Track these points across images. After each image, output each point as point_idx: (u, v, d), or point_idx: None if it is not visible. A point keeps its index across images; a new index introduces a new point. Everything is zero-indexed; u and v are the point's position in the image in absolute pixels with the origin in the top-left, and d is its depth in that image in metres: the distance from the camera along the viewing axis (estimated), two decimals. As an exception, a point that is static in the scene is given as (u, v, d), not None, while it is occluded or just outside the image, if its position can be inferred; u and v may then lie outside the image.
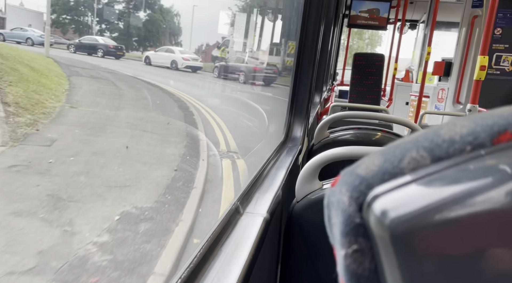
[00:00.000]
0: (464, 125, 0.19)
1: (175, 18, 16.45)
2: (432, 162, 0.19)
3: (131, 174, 3.74)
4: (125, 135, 4.82)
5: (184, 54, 13.66)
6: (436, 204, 0.17)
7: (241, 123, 7.11)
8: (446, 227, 0.17)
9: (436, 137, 0.19)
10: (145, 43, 15.04)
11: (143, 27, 15.03)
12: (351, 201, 0.20)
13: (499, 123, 0.18)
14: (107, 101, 6.33)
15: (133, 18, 14.96)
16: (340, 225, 0.21)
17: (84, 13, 14.67)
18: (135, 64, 12.96)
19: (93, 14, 14.65)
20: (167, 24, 16.04)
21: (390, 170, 0.20)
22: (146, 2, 15.24)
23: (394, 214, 0.18)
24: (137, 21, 15.04)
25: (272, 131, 4.48)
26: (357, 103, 4.09)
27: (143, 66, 12.94)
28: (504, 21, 4.79)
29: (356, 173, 0.21)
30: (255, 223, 0.72)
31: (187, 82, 11.81)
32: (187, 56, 13.46)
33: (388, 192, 0.19)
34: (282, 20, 10.80)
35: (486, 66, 2.27)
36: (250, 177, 1.00)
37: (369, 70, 4.25)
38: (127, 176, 3.66)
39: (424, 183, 0.18)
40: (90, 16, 14.66)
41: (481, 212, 0.16)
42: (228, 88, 12.37)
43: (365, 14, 5.50)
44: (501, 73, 4.89)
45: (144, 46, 14.85)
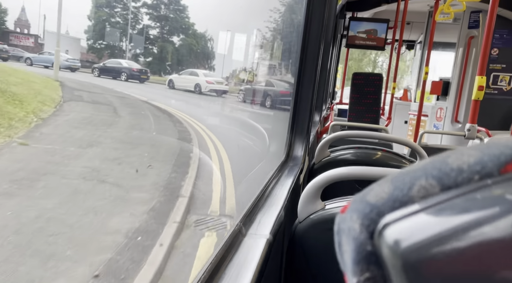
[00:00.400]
0: (471, 155, 0.20)
1: (209, 42, 16.27)
2: (441, 190, 0.19)
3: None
4: (62, 194, 3.24)
5: (208, 77, 13.11)
6: (447, 233, 0.18)
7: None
8: (457, 255, 0.17)
9: (444, 166, 0.20)
10: (177, 67, 14.89)
11: (175, 52, 14.97)
12: (362, 228, 0.21)
13: (506, 153, 0.19)
14: (83, 134, 5.18)
15: (167, 43, 15.03)
16: (352, 253, 0.21)
17: (120, 39, 14.84)
18: (157, 88, 12.47)
19: (127, 39, 14.78)
20: (201, 48, 15.95)
21: (400, 197, 0.20)
22: (180, 27, 15.27)
23: (406, 242, 0.18)
24: (171, 46, 15.07)
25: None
26: (357, 122, 4.11)
27: (164, 90, 12.44)
28: (501, 42, 4.87)
29: (366, 200, 0.21)
30: (258, 244, 0.72)
31: (204, 107, 11.18)
32: (211, 79, 12.89)
33: (399, 220, 0.19)
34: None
35: (484, 87, 2.29)
36: (253, 197, 1.00)
37: (367, 90, 4.29)
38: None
39: (435, 212, 0.19)
40: (125, 41, 14.80)
41: (491, 241, 0.17)
42: (253, 114, 10.96)
43: (363, 34, 5.59)
44: (498, 92, 4.94)
45: (177, 70, 14.70)
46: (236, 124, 9.42)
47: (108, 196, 3.30)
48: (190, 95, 12.18)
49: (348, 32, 5.65)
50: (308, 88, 1.70)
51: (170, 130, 6.60)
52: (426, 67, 3.70)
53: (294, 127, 1.70)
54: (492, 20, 2.31)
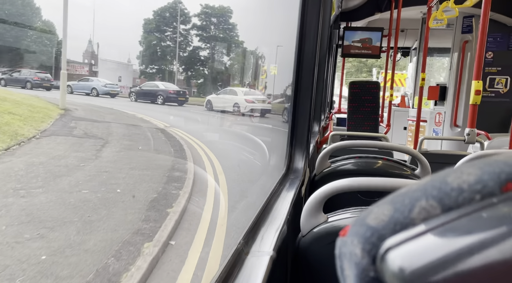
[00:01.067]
0: (470, 173, 0.19)
1: (260, 60, 15.85)
2: (443, 211, 0.19)
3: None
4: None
5: (248, 95, 11.83)
6: (451, 256, 0.17)
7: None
8: (462, 278, 0.17)
9: (444, 185, 0.19)
10: (225, 86, 14.22)
11: (226, 71, 14.58)
12: (364, 253, 0.20)
13: (506, 171, 0.18)
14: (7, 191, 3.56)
15: (217, 62, 14.79)
16: (354, 278, 0.20)
17: (171, 62, 14.78)
18: (193, 110, 11.34)
19: (177, 61, 14.72)
20: (251, 66, 15.58)
21: (401, 220, 0.20)
22: (230, 46, 14.97)
23: (410, 267, 0.18)
24: (221, 65, 14.80)
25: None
26: (356, 130, 4.11)
27: (198, 113, 11.20)
28: (495, 45, 4.91)
29: (366, 224, 0.21)
30: (262, 262, 0.71)
31: (233, 134, 9.35)
32: (251, 98, 11.61)
33: (401, 244, 0.19)
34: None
35: (480, 91, 2.30)
36: (255, 213, 0.99)
37: (365, 98, 4.30)
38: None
39: (437, 234, 0.18)
40: (176, 64, 14.74)
41: (497, 262, 0.16)
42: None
43: (358, 43, 5.63)
44: (496, 95, 4.96)
45: (223, 89, 13.98)
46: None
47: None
48: (224, 118, 10.85)
49: (343, 41, 5.70)
50: (305, 99, 1.70)
51: (156, 178, 4.47)
52: (423, 73, 3.72)
53: (293, 139, 1.70)
54: (485, 24, 2.33)
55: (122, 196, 3.69)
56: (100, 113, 8.37)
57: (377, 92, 4.35)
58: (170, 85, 12.38)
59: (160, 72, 14.32)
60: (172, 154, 5.84)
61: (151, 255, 2.59)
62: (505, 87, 4.93)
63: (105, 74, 12.81)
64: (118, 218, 3.22)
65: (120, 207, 3.45)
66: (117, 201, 3.54)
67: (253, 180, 5.24)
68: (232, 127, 10.68)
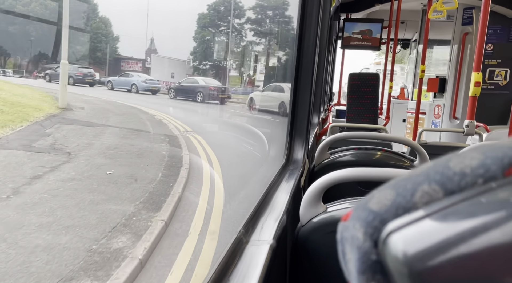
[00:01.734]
0: (473, 157, 0.19)
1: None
2: (445, 195, 0.19)
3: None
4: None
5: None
6: (453, 239, 0.17)
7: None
8: (464, 261, 0.17)
9: (446, 170, 0.20)
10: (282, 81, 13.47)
11: (281, 66, 13.22)
12: (366, 237, 0.20)
13: (509, 155, 0.18)
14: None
15: (272, 57, 14.02)
16: (356, 262, 0.21)
17: (224, 57, 14.31)
18: (234, 109, 10.01)
19: (230, 57, 14.21)
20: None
21: (403, 204, 0.20)
22: (286, 40, 13.90)
23: (412, 250, 0.18)
24: (275, 60, 13.92)
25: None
26: (355, 122, 4.11)
27: (235, 113, 9.70)
28: (495, 37, 4.89)
29: (368, 208, 0.21)
30: (261, 251, 0.71)
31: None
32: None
33: (403, 227, 0.19)
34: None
35: (480, 83, 2.30)
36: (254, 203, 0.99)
37: (364, 90, 4.30)
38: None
39: (439, 218, 0.18)
40: (229, 59, 14.26)
41: (498, 246, 0.17)
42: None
43: (358, 35, 5.60)
44: (495, 87, 4.95)
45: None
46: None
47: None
48: (268, 120, 8.64)
49: (343, 33, 5.67)
50: (305, 91, 1.70)
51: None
52: (422, 65, 3.71)
53: (293, 131, 1.70)
54: (486, 16, 2.32)
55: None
56: (108, 114, 7.05)
57: (376, 84, 4.34)
58: (211, 81, 11.34)
59: (214, 68, 13.90)
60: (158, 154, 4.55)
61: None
62: (504, 80, 4.93)
63: (158, 70, 12.31)
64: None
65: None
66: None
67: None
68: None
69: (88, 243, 2.66)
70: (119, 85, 10.68)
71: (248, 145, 6.82)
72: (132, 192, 3.68)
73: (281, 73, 13.07)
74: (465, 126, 2.46)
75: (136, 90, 10.45)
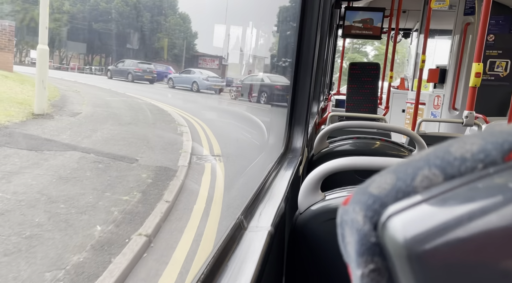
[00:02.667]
0: (474, 143, 0.19)
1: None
2: (445, 180, 0.19)
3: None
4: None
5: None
6: (451, 223, 0.17)
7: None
8: (462, 244, 0.17)
9: (447, 155, 0.20)
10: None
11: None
12: (365, 220, 0.20)
13: (509, 140, 0.18)
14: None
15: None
16: (355, 245, 0.21)
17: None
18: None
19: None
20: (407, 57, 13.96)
21: (403, 188, 0.20)
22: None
23: (410, 233, 0.18)
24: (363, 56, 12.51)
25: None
26: (354, 112, 4.11)
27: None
28: (497, 28, 4.85)
29: (369, 192, 0.21)
30: (260, 237, 0.72)
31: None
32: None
33: (403, 211, 0.19)
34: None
35: (481, 73, 2.29)
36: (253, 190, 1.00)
37: (365, 79, 4.28)
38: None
39: (438, 202, 0.19)
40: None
41: (495, 230, 0.17)
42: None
43: (359, 24, 5.56)
44: (495, 79, 4.94)
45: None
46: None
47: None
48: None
49: (344, 22, 5.62)
50: (305, 80, 1.70)
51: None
52: (423, 55, 3.69)
53: (292, 119, 1.70)
54: (488, 6, 2.30)
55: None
56: (103, 125, 5.27)
57: (377, 74, 4.32)
58: (278, 78, 9.24)
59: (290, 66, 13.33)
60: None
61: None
62: (505, 71, 4.91)
63: (233, 68, 11.61)
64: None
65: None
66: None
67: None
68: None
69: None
70: (180, 83, 9.87)
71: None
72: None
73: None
74: (464, 117, 2.46)
75: (197, 89, 9.56)
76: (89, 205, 3.14)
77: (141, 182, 3.74)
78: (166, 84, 9.98)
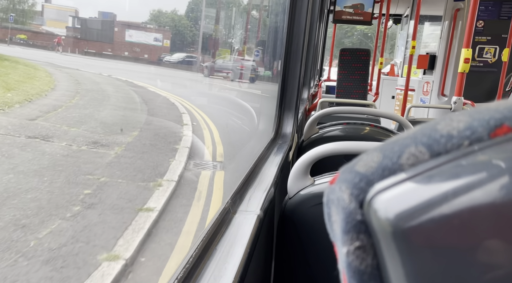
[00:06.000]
0: (461, 120, 0.19)
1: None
2: (431, 157, 0.19)
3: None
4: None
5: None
6: (436, 199, 0.17)
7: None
8: (446, 221, 0.17)
9: (433, 132, 0.20)
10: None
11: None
12: (351, 198, 0.20)
13: (495, 117, 0.18)
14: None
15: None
16: (341, 223, 0.21)
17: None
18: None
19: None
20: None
21: (390, 166, 0.20)
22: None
23: (395, 210, 0.18)
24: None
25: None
26: (344, 98, 4.12)
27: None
28: (486, 14, 4.87)
29: (355, 170, 0.21)
30: (248, 221, 0.72)
31: None
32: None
33: (389, 188, 0.19)
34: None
35: (470, 59, 2.30)
36: (242, 176, 1.00)
37: (355, 65, 4.28)
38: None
39: (424, 179, 0.18)
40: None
41: (479, 206, 0.17)
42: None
43: (349, 9, 5.53)
44: (484, 65, 4.97)
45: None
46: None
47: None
48: None
49: (335, 7, 5.58)
50: (295, 65, 1.69)
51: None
52: (413, 41, 3.69)
53: (282, 105, 1.70)
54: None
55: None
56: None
57: (367, 60, 4.32)
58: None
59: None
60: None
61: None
62: (493, 57, 4.95)
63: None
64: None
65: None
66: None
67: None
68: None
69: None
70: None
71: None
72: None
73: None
74: (453, 102, 2.48)
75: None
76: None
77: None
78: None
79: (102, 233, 2.55)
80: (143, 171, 3.71)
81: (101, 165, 3.69)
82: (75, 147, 3.99)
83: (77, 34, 12.08)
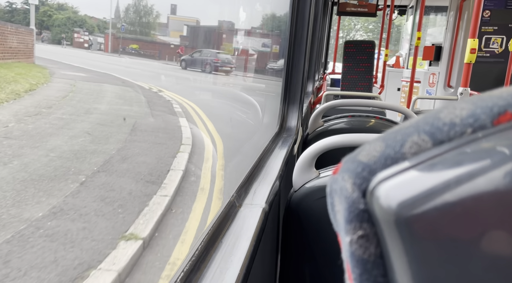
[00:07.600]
0: (464, 108, 0.19)
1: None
2: (434, 145, 0.19)
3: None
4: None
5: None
6: (438, 187, 0.17)
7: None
8: (449, 209, 0.17)
9: (436, 121, 0.19)
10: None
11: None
12: (354, 187, 0.20)
13: (498, 104, 0.18)
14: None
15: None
16: (344, 212, 0.21)
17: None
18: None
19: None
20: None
21: (392, 155, 0.20)
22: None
23: (398, 198, 0.18)
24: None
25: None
26: (349, 91, 4.10)
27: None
28: (492, 3, 4.80)
29: (358, 160, 0.21)
30: (254, 214, 0.73)
31: None
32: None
33: (391, 177, 0.19)
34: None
35: (476, 49, 2.28)
36: (247, 169, 1.00)
37: (360, 58, 4.25)
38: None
39: (426, 167, 0.18)
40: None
41: (482, 194, 0.17)
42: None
43: (354, 1, 5.48)
44: (490, 55, 4.92)
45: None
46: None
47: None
48: None
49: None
50: (299, 58, 1.68)
51: None
52: (418, 32, 3.66)
53: (287, 98, 1.69)
54: None
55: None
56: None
57: (372, 52, 4.29)
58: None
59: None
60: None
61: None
62: (500, 47, 4.89)
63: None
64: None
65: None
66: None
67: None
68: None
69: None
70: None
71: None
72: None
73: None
74: (459, 93, 2.46)
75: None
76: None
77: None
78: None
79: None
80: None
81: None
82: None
83: (186, 42, 12.12)
